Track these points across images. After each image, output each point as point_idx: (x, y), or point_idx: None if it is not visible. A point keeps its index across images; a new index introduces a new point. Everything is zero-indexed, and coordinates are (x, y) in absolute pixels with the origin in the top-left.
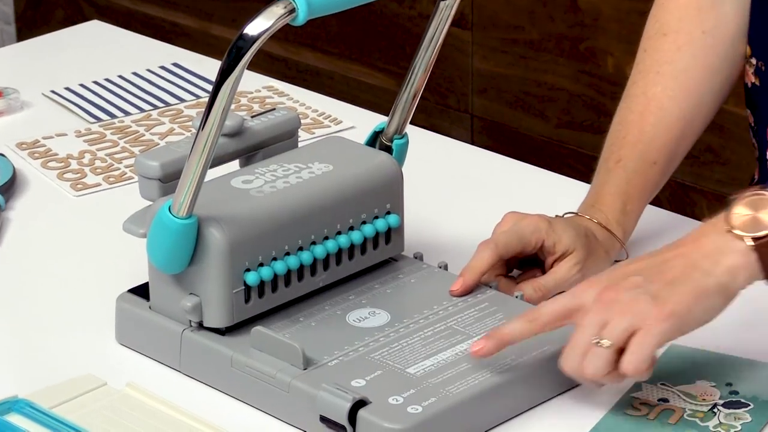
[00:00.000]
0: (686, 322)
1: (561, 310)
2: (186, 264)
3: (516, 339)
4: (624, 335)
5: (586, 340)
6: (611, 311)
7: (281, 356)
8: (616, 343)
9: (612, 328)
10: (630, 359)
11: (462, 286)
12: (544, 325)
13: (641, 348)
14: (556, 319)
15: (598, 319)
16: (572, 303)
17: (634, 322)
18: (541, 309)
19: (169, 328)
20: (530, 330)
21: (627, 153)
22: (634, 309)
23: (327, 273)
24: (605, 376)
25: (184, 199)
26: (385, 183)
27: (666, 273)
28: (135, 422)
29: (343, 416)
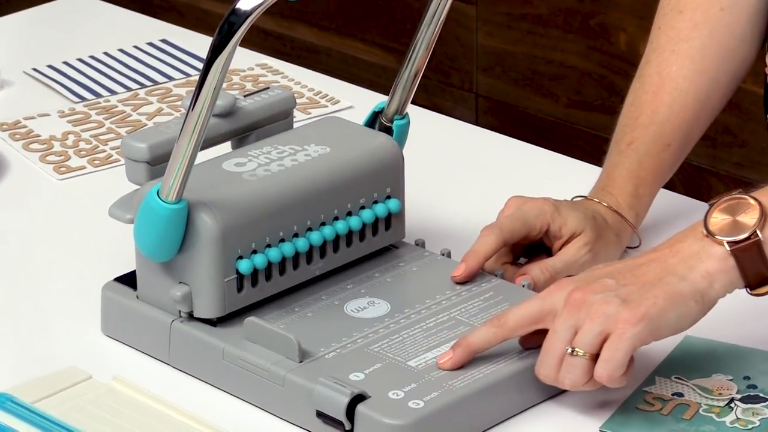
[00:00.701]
0: (659, 327)
1: (530, 314)
2: (175, 251)
3: (483, 346)
4: (596, 341)
5: (560, 348)
6: (581, 314)
7: (276, 348)
8: (589, 351)
9: (584, 335)
10: (603, 366)
11: (465, 272)
12: (512, 330)
13: (614, 354)
14: (524, 324)
15: (568, 323)
16: (541, 307)
17: (605, 326)
18: (508, 314)
19: (157, 319)
20: (497, 336)
21: (639, 135)
22: (605, 312)
23: (324, 261)
24: (585, 384)
25: (174, 183)
26: (384, 166)
27: (639, 276)
28: (121, 417)
29: (340, 411)
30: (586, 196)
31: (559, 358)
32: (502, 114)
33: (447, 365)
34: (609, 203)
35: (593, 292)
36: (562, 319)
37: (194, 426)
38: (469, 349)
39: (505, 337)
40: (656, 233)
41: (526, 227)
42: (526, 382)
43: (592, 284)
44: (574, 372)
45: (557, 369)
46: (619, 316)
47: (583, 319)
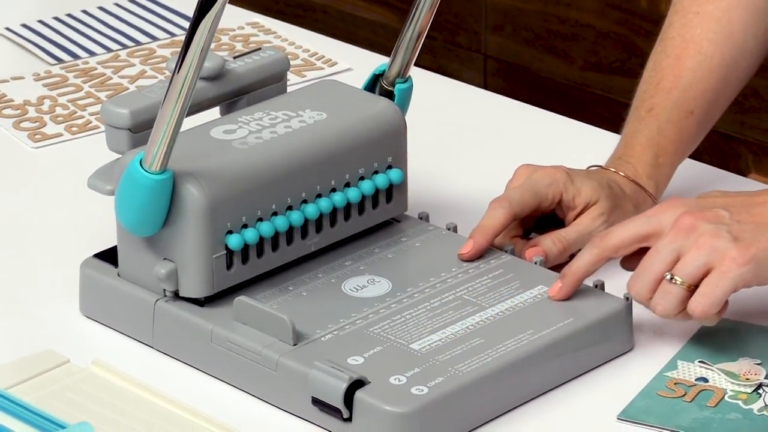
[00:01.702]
0: (766, 272)
1: (635, 232)
2: (159, 225)
3: (590, 269)
4: (698, 273)
5: (659, 269)
6: (688, 240)
7: (268, 330)
8: (688, 281)
9: (686, 264)
10: (699, 300)
11: (472, 249)
12: (615, 248)
13: (713, 290)
14: (628, 243)
15: (673, 246)
16: (648, 226)
17: (710, 259)
18: (611, 232)
19: (140, 298)
20: (601, 256)
21: (660, 101)
22: (714, 244)
23: (320, 236)
24: (676, 315)
25: (158, 152)
26: (386, 133)
27: (755, 215)
28: (101, 404)
29: (338, 398)
30: (602, 166)
31: (656, 279)
32: (512, 77)
33: (558, 295)
34: (626, 173)
35: (705, 220)
36: (668, 239)
37: (179, 413)
38: (575, 276)
39: (608, 257)
40: None
41: (537, 198)
42: (539, 366)
43: (705, 212)
44: (669, 299)
45: (651, 291)
46: (727, 252)
47: (689, 247)
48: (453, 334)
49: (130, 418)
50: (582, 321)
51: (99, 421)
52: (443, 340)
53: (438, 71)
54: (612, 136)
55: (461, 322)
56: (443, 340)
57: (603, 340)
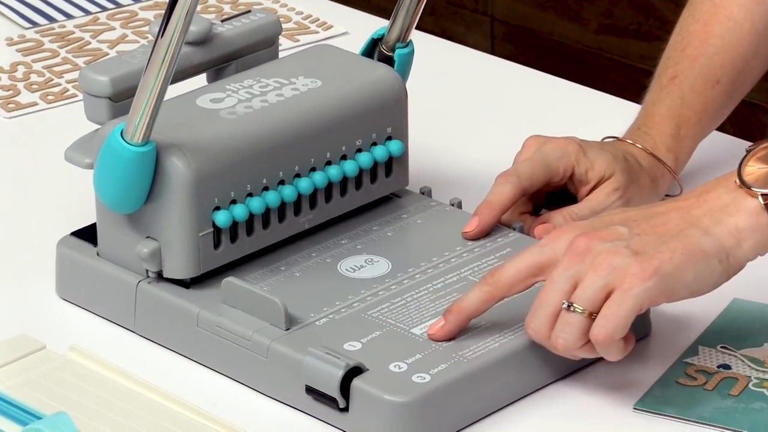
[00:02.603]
0: (673, 286)
1: (527, 266)
2: (142, 201)
3: (478, 309)
4: (598, 297)
5: (555, 300)
6: (583, 264)
7: (258, 314)
8: (589, 308)
9: (584, 288)
10: (602, 324)
11: (477, 227)
12: (508, 286)
13: (616, 310)
14: (521, 278)
15: (568, 273)
16: (540, 257)
17: (610, 279)
18: (502, 268)
19: (121, 280)
20: (492, 295)
21: (685, 68)
22: (612, 263)
23: (314, 212)
24: (580, 348)
25: (140, 122)
26: (385, 102)
27: (656, 226)
28: (79, 393)
29: (334, 386)
30: (618, 137)
31: (554, 313)
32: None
33: (438, 335)
34: (644, 145)
35: (601, 239)
36: (562, 268)
37: (163, 403)
38: (461, 314)
39: (501, 296)
40: (701, 180)
41: (548, 172)
42: (549, 352)
43: (601, 231)
44: (569, 331)
45: (550, 326)
46: (627, 269)
47: (585, 271)
48: None
49: (111, 408)
50: None
51: (77, 411)
52: (429, 327)
53: (441, 35)
54: (629, 104)
55: None
56: (429, 327)
57: None
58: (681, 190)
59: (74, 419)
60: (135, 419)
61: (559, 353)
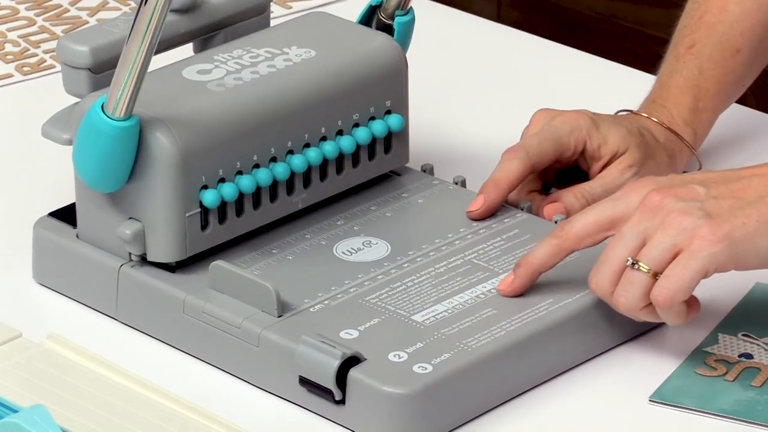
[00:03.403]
0: (743, 253)
1: (598, 219)
2: (124, 179)
3: (546, 263)
4: (665, 257)
5: (621, 256)
6: (654, 221)
7: (249, 300)
8: (654, 267)
9: (651, 247)
10: (664, 285)
11: (483, 206)
12: (577, 239)
13: (680, 272)
14: (592, 232)
15: (638, 229)
16: (613, 210)
17: (678, 240)
18: (573, 221)
19: (102, 264)
20: (561, 248)
21: (702, 36)
22: (682, 223)
23: (308, 191)
24: (642, 310)
25: (122, 95)
26: (384, 73)
27: (735, 191)
28: (57, 384)
29: (329, 377)
30: (632, 111)
31: (618, 268)
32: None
33: (508, 290)
34: (660, 118)
35: (675, 197)
36: (632, 223)
37: (147, 395)
38: (529, 268)
39: (570, 249)
40: (721, 156)
41: (558, 147)
42: (560, 341)
43: (677, 188)
44: (632, 290)
45: (613, 282)
46: (697, 230)
47: (654, 228)
48: (461, 304)
49: (92, 401)
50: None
51: (55, 403)
52: (450, 310)
53: (444, 1)
54: (644, 76)
55: (471, 290)
56: (450, 310)
57: None
58: (700, 166)
59: (52, 412)
60: (117, 413)
61: (621, 312)
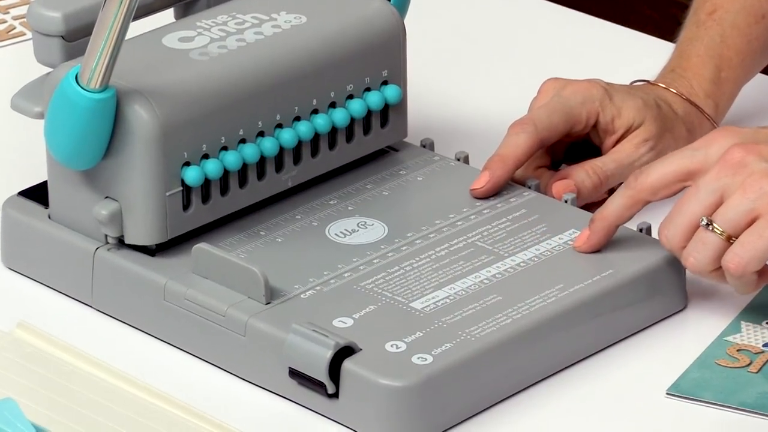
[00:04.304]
0: None
1: (677, 169)
2: (100, 156)
3: (623, 216)
4: (741, 221)
5: (695, 211)
6: (735, 178)
7: (234, 285)
8: (728, 230)
9: (728, 208)
10: (737, 252)
11: (488, 184)
12: (653, 190)
13: (755, 240)
14: (669, 182)
15: (716, 185)
16: (692, 160)
17: (758, 204)
18: (650, 169)
19: (76, 247)
20: (635, 199)
21: (725, 1)
22: (764, 186)
23: (298, 168)
24: (711, 272)
25: (98, 65)
26: (380, 41)
27: None
28: (28, 376)
29: (321, 369)
30: (649, 81)
31: (691, 225)
32: None
33: (585, 247)
34: (679, 89)
35: (759, 156)
36: (711, 176)
37: (125, 388)
38: (605, 222)
39: (646, 200)
40: None
41: (568, 120)
42: (570, 329)
43: (762, 146)
44: (703, 251)
45: (685, 237)
46: None
47: (734, 187)
48: (464, 290)
49: (64, 394)
50: (623, 273)
51: (26, 396)
52: (452, 297)
53: None
54: (662, 43)
55: (474, 275)
56: (452, 297)
57: (649, 297)
58: None
59: (22, 406)
60: (92, 407)
61: (689, 271)
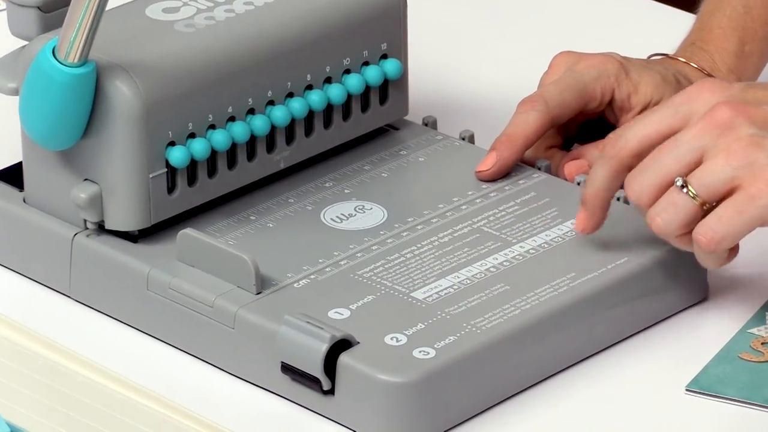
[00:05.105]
0: None
1: (659, 128)
2: (79, 135)
3: (610, 186)
4: (720, 189)
5: (669, 167)
6: (718, 140)
7: (223, 274)
8: (703, 196)
9: (706, 172)
10: (710, 226)
11: (495, 165)
12: (637, 154)
13: (732, 215)
14: (650, 144)
15: (697, 143)
16: (674, 118)
17: (739, 174)
18: (628, 133)
19: (53, 232)
20: (618, 166)
21: None
22: (749, 156)
23: (291, 149)
24: (677, 237)
25: (77, 37)
26: (379, 11)
27: None
28: (2, 374)
29: (316, 364)
30: (668, 54)
31: (663, 181)
32: None
33: (588, 227)
34: (700, 63)
35: (749, 119)
36: (693, 133)
37: (105, 384)
38: (597, 198)
39: (630, 166)
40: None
41: (582, 97)
42: (583, 321)
43: (752, 107)
44: (672, 213)
45: (654, 195)
46: (764, 171)
47: (717, 149)
48: (469, 278)
49: (39, 390)
50: (639, 262)
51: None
52: (456, 286)
53: None
54: (682, 14)
55: (480, 262)
56: (456, 286)
57: (667, 287)
58: None
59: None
60: (70, 404)
61: (653, 231)
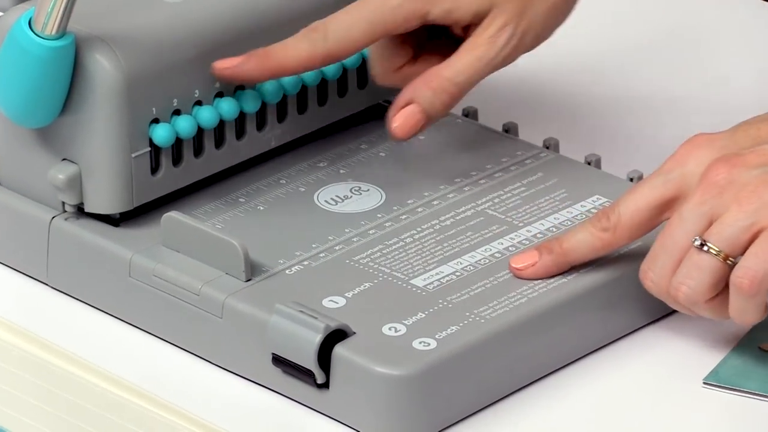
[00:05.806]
0: None
1: (651, 202)
2: (57, 112)
3: (587, 257)
4: (742, 237)
5: (682, 242)
6: (723, 197)
7: (210, 260)
8: (726, 250)
9: (724, 225)
10: (749, 265)
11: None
12: (629, 231)
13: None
14: (646, 218)
15: (702, 209)
16: (665, 187)
17: (759, 217)
18: (619, 206)
19: (29, 216)
20: (609, 244)
21: None
22: (762, 196)
23: (283, 126)
24: (707, 303)
25: (54, 8)
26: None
27: None
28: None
29: (310, 356)
30: None
31: (679, 256)
32: None
33: (526, 274)
34: None
35: (746, 166)
36: (695, 202)
37: (85, 377)
38: (565, 258)
39: (621, 245)
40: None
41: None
42: (594, 311)
43: (745, 155)
44: (697, 277)
45: (673, 270)
46: None
47: (725, 205)
48: (472, 265)
49: (15, 384)
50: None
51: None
52: (458, 273)
53: None
54: None
55: (484, 247)
56: (458, 273)
57: None
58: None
59: None
60: (48, 398)
61: (679, 307)
